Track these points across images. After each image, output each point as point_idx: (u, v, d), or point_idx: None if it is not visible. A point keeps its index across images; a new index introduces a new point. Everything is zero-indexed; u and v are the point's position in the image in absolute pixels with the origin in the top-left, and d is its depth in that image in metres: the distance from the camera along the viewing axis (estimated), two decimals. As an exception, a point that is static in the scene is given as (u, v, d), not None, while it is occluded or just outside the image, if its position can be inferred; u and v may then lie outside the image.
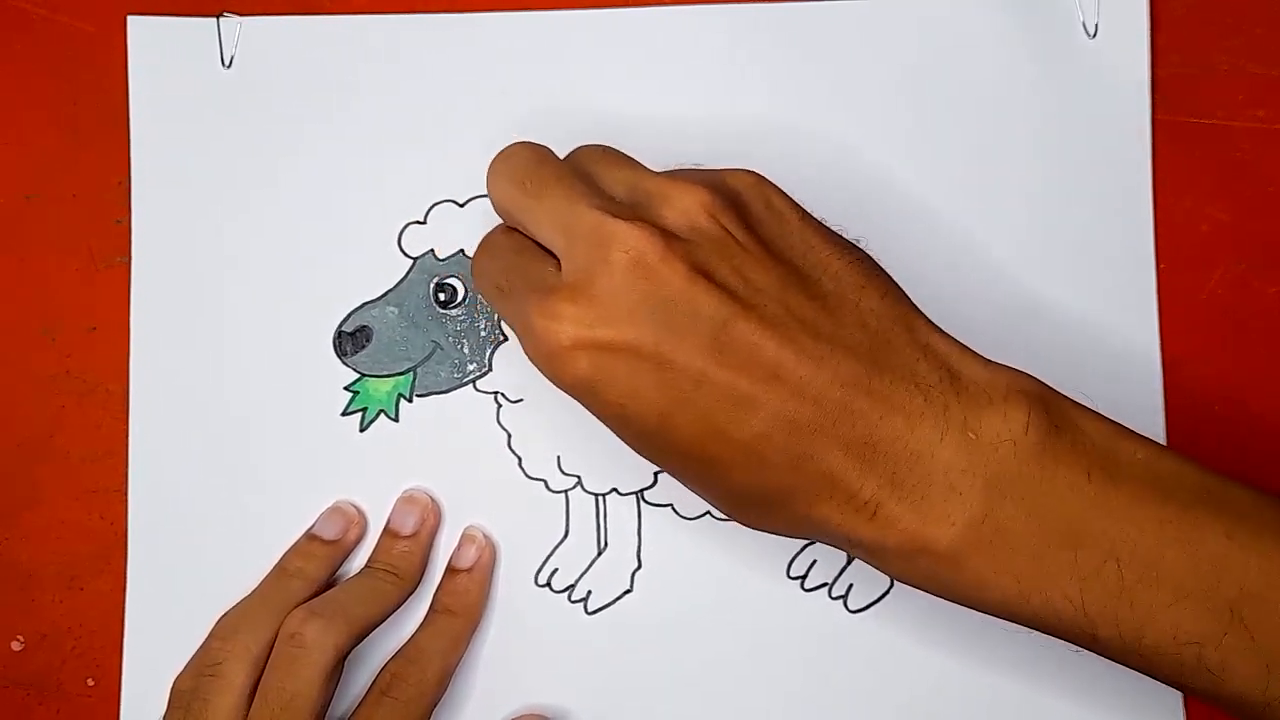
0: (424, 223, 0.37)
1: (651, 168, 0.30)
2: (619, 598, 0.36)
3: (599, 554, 0.36)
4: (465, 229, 0.37)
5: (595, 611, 0.36)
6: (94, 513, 0.37)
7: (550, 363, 0.27)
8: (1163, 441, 0.36)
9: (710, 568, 0.36)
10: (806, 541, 0.35)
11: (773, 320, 0.26)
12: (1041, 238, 0.36)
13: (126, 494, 0.37)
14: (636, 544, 0.36)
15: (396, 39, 0.38)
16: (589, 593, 0.36)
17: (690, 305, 0.26)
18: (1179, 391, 0.36)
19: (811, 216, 0.29)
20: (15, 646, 0.37)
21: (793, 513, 0.27)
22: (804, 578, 0.36)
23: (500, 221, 0.31)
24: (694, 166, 0.30)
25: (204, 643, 0.33)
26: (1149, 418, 0.36)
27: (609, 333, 0.26)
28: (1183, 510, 0.26)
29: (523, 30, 0.37)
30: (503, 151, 0.31)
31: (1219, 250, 0.37)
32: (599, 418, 0.28)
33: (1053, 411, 0.27)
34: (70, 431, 0.37)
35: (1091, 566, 0.26)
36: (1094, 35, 0.37)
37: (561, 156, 0.31)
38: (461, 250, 0.37)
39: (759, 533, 0.29)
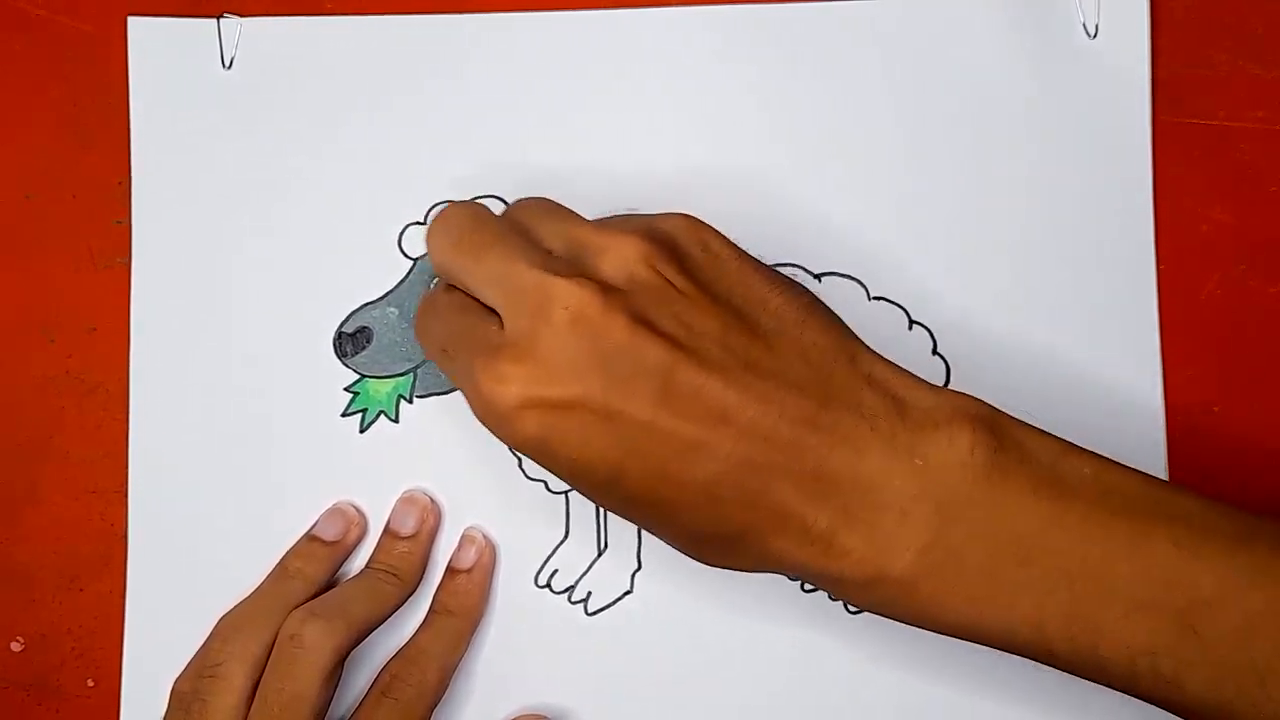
0: (424, 223, 0.37)
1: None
2: (619, 599, 0.36)
3: (599, 555, 0.36)
4: (465, 230, 0.37)
5: (595, 613, 0.36)
6: (94, 513, 0.37)
7: (499, 424, 0.28)
8: (1162, 443, 0.36)
9: (710, 569, 0.36)
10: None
11: (717, 363, 0.27)
12: (1041, 239, 0.36)
13: (126, 495, 0.37)
14: (636, 545, 0.36)
15: (397, 40, 0.38)
16: (589, 594, 0.36)
17: (634, 356, 0.26)
18: (1179, 392, 0.36)
19: (748, 255, 0.30)
20: (15, 647, 0.37)
21: (750, 550, 0.28)
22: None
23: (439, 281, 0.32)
24: (628, 213, 0.31)
25: (204, 644, 0.34)
26: (1148, 419, 0.36)
27: (556, 390, 0.27)
28: (1130, 522, 0.26)
29: (523, 30, 0.37)
30: (440, 213, 0.31)
31: (1219, 251, 0.37)
32: (553, 473, 0.28)
33: (997, 432, 0.27)
34: (70, 432, 0.37)
35: (1044, 584, 0.26)
36: (1094, 36, 0.37)
37: (504, 209, 0.31)
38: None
39: None
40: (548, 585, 0.36)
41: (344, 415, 0.37)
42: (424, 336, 0.32)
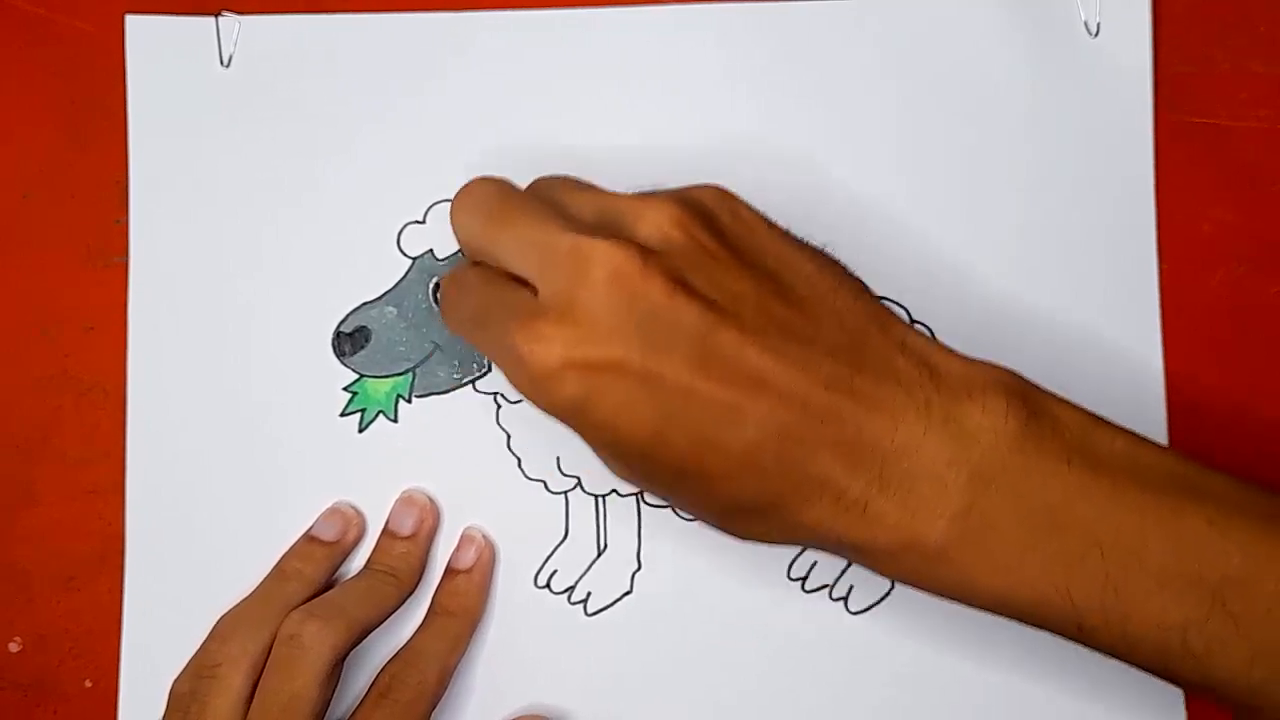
0: (423, 222, 0.37)
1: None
2: (619, 599, 0.36)
3: (599, 555, 0.36)
4: (464, 229, 0.37)
5: (595, 613, 0.36)
6: (92, 513, 0.37)
7: (539, 386, 0.27)
8: (1165, 441, 0.36)
9: (710, 569, 0.36)
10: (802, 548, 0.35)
11: (754, 327, 0.27)
12: (1043, 237, 0.36)
13: (124, 494, 0.37)
14: (636, 545, 0.36)
15: (396, 38, 0.37)
16: (589, 594, 0.36)
17: (672, 318, 0.26)
18: (1181, 391, 0.36)
19: (778, 225, 0.29)
20: (13, 648, 0.37)
21: (785, 519, 0.28)
22: (805, 579, 0.36)
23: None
24: (655, 188, 0.30)
25: (202, 644, 0.33)
26: (1151, 417, 0.36)
27: (596, 351, 0.26)
28: (1163, 497, 0.26)
29: (523, 29, 0.37)
30: (464, 188, 0.31)
31: (1221, 250, 0.36)
32: (588, 440, 0.28)
33: (1030, 401, 0.27)
34: (68, 432, 0.37)
35: (1075, 554, 0.26)
36: (1096, 34, 0.37)
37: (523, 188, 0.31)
38: (460, 250, 0.37)
39: None
40: (547, 585, 0.36)
41: (343, 415, 0.37)
42: (451, 311, 0.31)
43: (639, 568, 0.36)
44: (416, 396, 0.37)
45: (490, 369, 0.36)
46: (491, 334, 0.29)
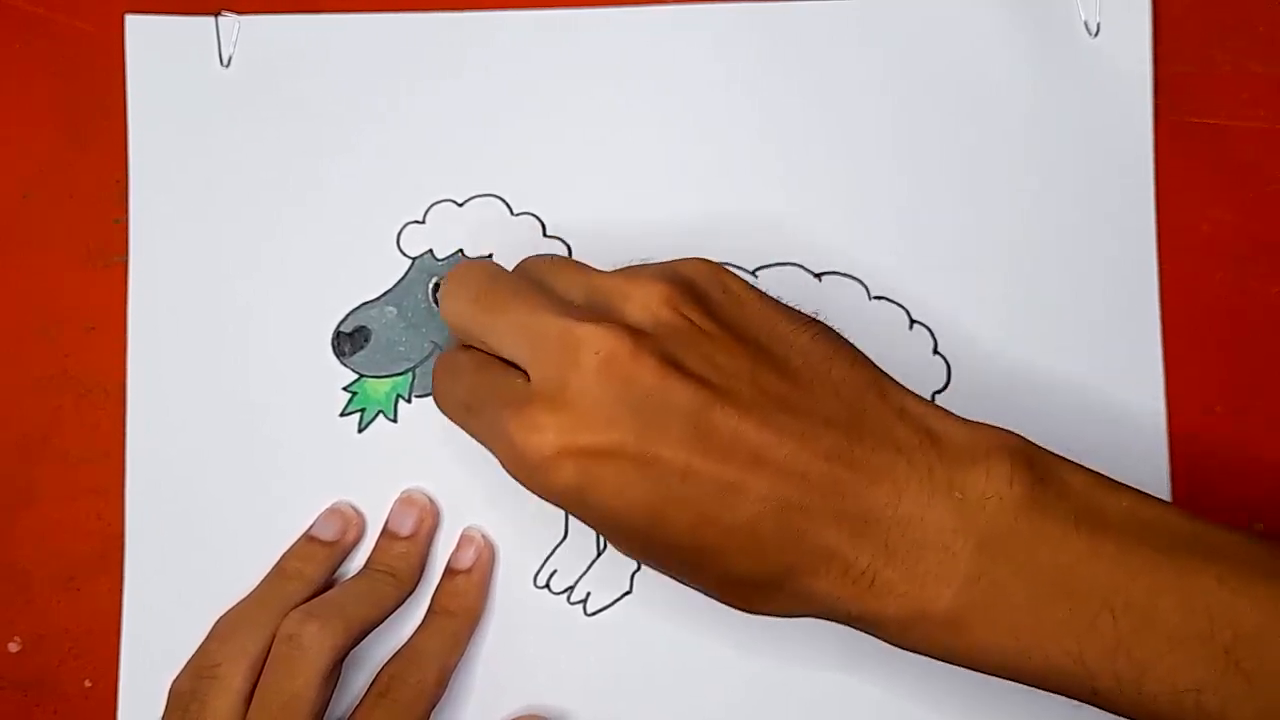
0: (422, 222, 0.37)
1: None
2: (618, 599, 0.36)
3: (598, 555, 0.36)
4: (464, 229, 0.37)
5: (594, 613, 0.36)
6: (91, 513, 0.37)
7: (535, 474, 0.27)
8: (1164, 443, 0.36)
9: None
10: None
11: (749, 403, 0.27)
12: (1042, 238, 0.36)
13: (124, 494, 0.37)
14: (636, 545, 0.36)
15: (395, 37, 0.37)
16: (588, 594, 0.36)
17: (666, 399, 0.26)
18: (1180, 392, 0.36)
19: (768, 296, 0.29)
20: (13, 647, 0.37)
21: (792, 591, 0.27)
22: (804, 579, 0.36)
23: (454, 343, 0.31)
24: (642, 262, 0.30)
25: (202, 644, 0.33)
26: (1150, 419, 0.36)
27: (591, 437, 0.26)
28: (1172, 557, 0.26)
29: (522, 28, 0.37)
30: (452, 272, 0.31)
31: (1221, 250, 0.36)
32: (588, 523, 0.28)
33: (1035, 465, 0.27)
34: (68, 432, 0.37)
35: (1086, 619, 0.26)
36: (1095, 34, 0.37)
37: (515, 260, 0.31)
38: (460, 250, 0.37)
39: None
40: (547, 585, 0.36)
41: (342, 415, 0.37)
42: (444, 397, 0.31)
43: (639, 568, 0.36)
44: (416, 396, 0.37)
45: (490, 369, 0.36)
46: (485, 421, 0.29)
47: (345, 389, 0.37)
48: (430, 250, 0.37)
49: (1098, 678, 0.26)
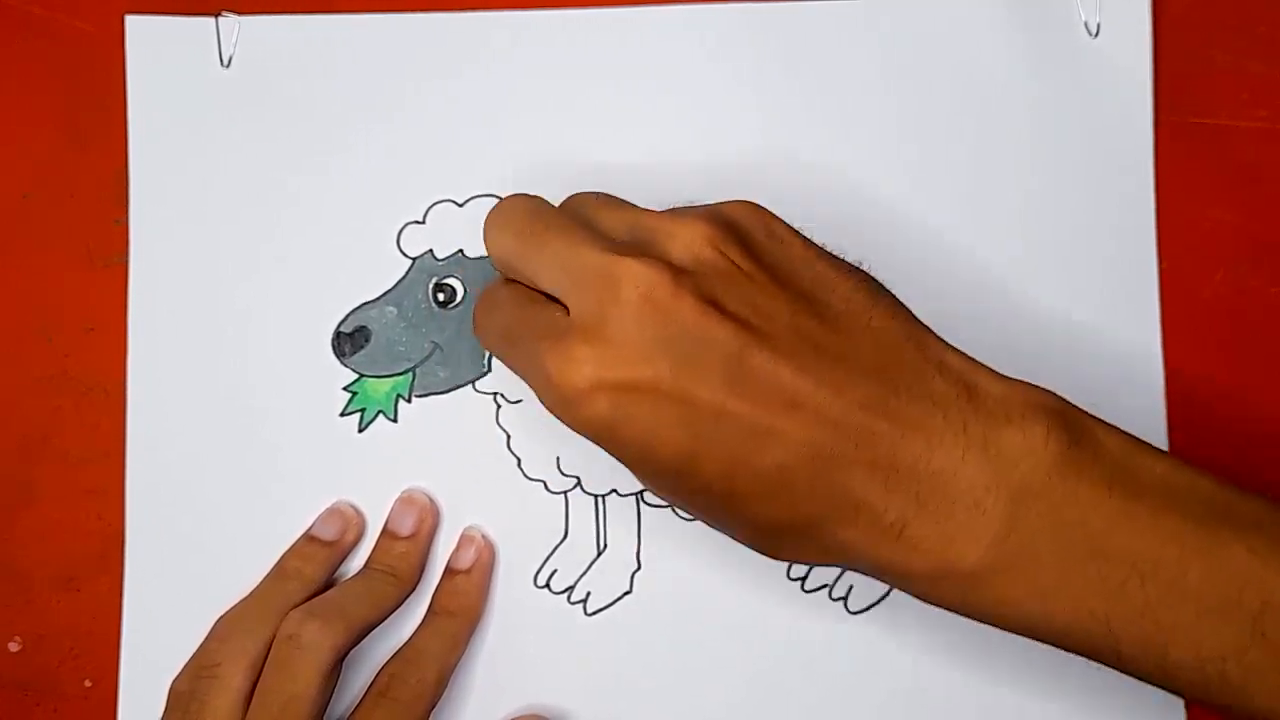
0: (423, 223, 0.37)
1: (643, 189, 0.30)
2: (618, 599, 0.36)
3: (598, 555, 0.36)
4: (464, 228, 0.37)
5: (595, 613, 0.36)
6: (91, 513, 0.37)
7: (569, 407, 0.27)
8: (1164, 441, 0.36)
9: (710, 569, 0.36)
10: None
11: (787, 347, 0.26)
12: (1042, 238, 0.36)
13: (124, 495, 0.37)
14: (636, 545, 0.36)
15: (395, 38, 0.37)
16: (588, 594, 0.36)
17: (704, 338, 0.26)
18: (1180, 391, 0.36)
19: (813, 242, 0.29)
20: (13, 648, 0.37)
21: (820, 540, 0.27)
22: (804, 579, 0.36)
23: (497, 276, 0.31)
24: (688, 204, 0.30)
25: (202, 644, 0.33)
26: (1150, 418, 0.36)
27: (627, 371, 0.26)
28: (1203, 525, 0.26)
29: (523, 29, 0.37)
30: (497, 205, 0.31)
31: (1221, 250, 0.36)
32: (620, 459, 0.28)
33: (1071, 425, 0.27)
34: (68, 432, 0.37)
35: (1115, 582, 0.26)
36: (1095, 34, 0.37)
37: (556, 204, 0.31)
38: (460, 250, 0.37)
39: None
40: (547, 585, 0.36)
41: (342, 415, 0.37)
42: (484, 329, 0.31)
43: (639, 568, 0.36)
44: (416, 396, 0.37)
45: (490, 369, 0.36)
46: (522, 353, 0.29)
47: (345, 389, 0.37)
48: (430, 250, 0.37)
49: (1122, 641, 0.26)
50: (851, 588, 0.36)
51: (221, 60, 0.38)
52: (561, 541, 0.36)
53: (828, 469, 0.26)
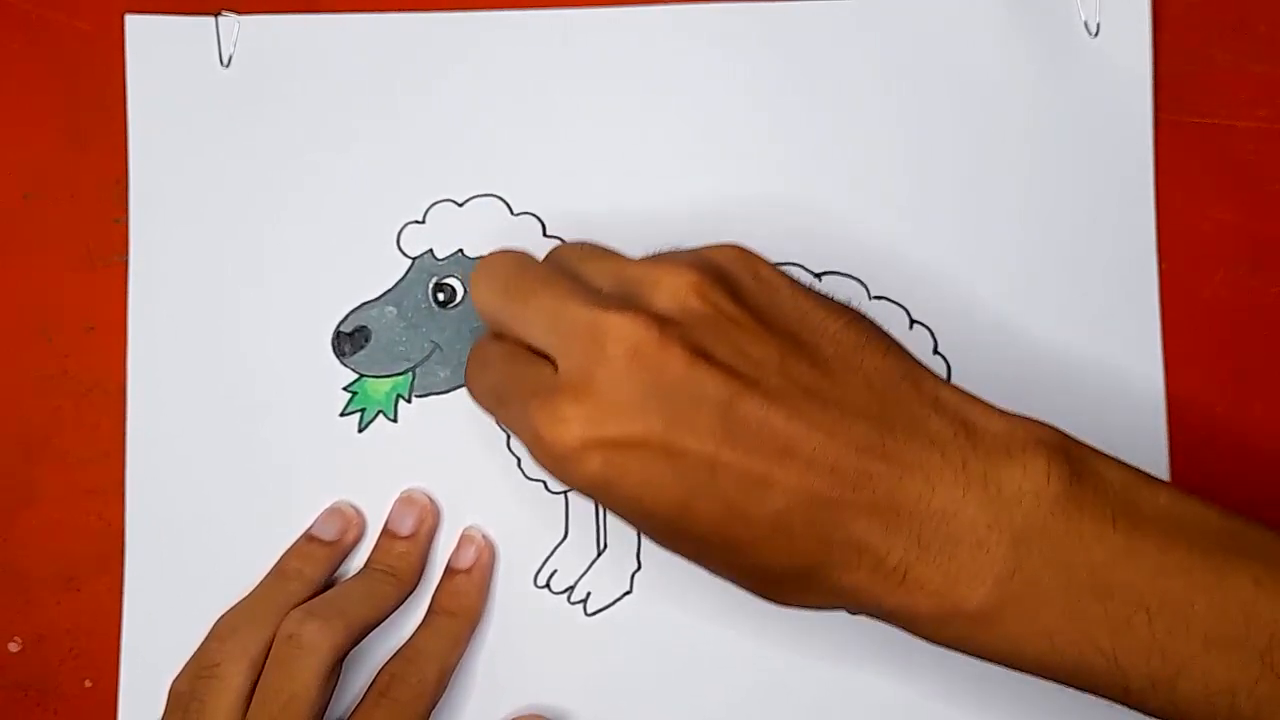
0: (422, 222, 0.37)
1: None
2: (619, 599, 0.36)
3: (598, 555, 0.36)
4: (464, 228, 0.37)
5: (595, 613, 0.36)
6: (92, 513, 0.37)
7: (561, 465, 0.27)
8: (1164, 442, 0.36)
9: (710, 569, 0.36)
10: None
11: (777, 394, 0.26)
12: (1042, 237, 0.36)
13: (124, 494, 0.37)
14: (636, 545, 0.36)
15: (395, 37, 0.37)
16: (588, 594, 0.36)
17: (694, 389, 0.26)
18: (1181, 391, 0.36)
19: (800, 283, 0.29)
20: (13, 648, 0.37)
21: (823, 586, 0.27)
22: (804, 579, 0.36)
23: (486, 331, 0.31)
24: (673, 249, 0.30)
25: (202, 644, 0.33)
26: (1151, 419, 0.36)
27: (617, 428, 0.26)
28: (1208, 557, 0.26)
29: (523, 28, 0.37)
30: (483, 261, 0.30)
31: (1221, 250, 0.36)
32: (616, 514, 0.28)
33: (1073, 460, 0.26)
34: (68, 432, 0.37)
35: (1122, 617, 0.25)
36: (1095, 34, 0.37)
37: (541, 257, 0.31)
38: (460, 250, 0.37)
39: None
40: (547, 585, 0.36)
41: (342, 415, 0.37)
42: (476, 387, 0.31)
43: (639, 568, 0.36)
44: (416, 396, 0.37)
45: (490, 369, 0.36)
46: (512, 412, 0.29)
47: (345, 389, 0.37)
48: (430, 250, 0.37)
49: (1130, 677, 0.26)
50: (851, 588, 0.36)
51: (221, 60, 0.38)
52: (561, 541, 0.36)
53: (826, 514, 0.26)
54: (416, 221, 0.37)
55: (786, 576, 0.27)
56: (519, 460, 0.36)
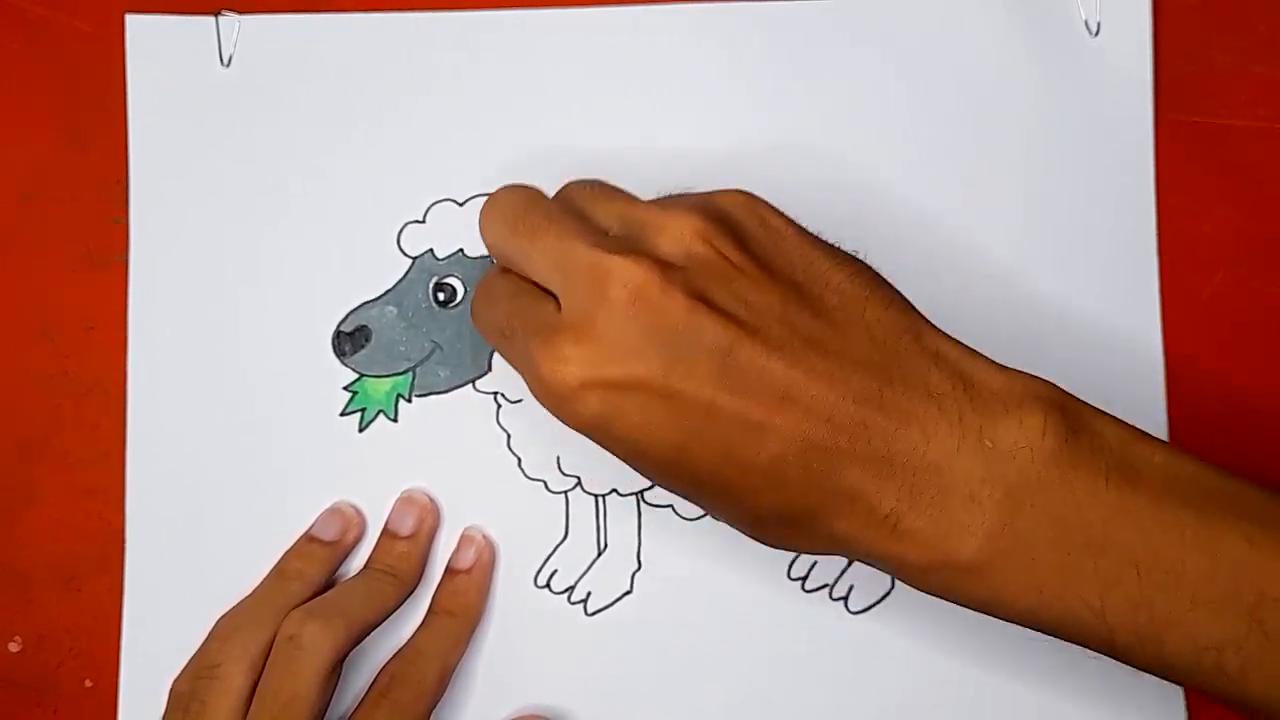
0: (423, 222, 0.37)
1: (644, 189, 0.30)
2: (619, 599, 0.36)
3: (599, 555, 0.36)
4: (464, 228, 0.37)
5: (595, 613, 0.36)
6: (92, 513, 0.37)
7: (560, 405, 0.27)
8: (1165, 440, 0.36)
9: (710, 569, 0.36)
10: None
11: (778, 341, 0.26)
12: (1043, 238, 0.36)
13: (124, 494, 0.37)
14: (636, 545, 0.36)
15: (396, 37, 0.37)
16: (589, 594, 0.36)
17: (694, 334, 0.26)
18: (1181, 391, 0.36)
19: (807, 231, 0.29)
20: (13, 647, 0.37)
21: (815, 531, 0.27)
22: (805, 579, 0.36)
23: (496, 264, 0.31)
24: (683, 191, 0.30)
25: (202, 644, 0.33)
26: (1151, 417, 0.36)
27: (616, 370, 0.26)
28: (1201, 515, 0.26)
29: (522, 28, 0.37)
30: (492, 196, 0.31)
31: (1221, 250, 0.36)
32: (614, 454, 0.28)
33: (1069, 416, 0.26)
34: (68, 432, 0.37)
35: (1111, 573, 0.25)
36: (1096, 34, 0.37)
37: (551, 193, 0.31)
38: (461, 250, 0.37)
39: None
40: (547, 585, 0.36)
41: (343, 414, 0.37)
42: (480, 320, 0.32)
43: (639, 568, 0.36)
44: (416, 396, 0.37)
45: (491, 369, 0.36)
46: (516, 347, 0.29)
47: (345, 388, 0.37)
48: (430, 250, 0.37)
49: (1117, 632, 0.26)
50: (852, 587, 0.36)
51: (221, 60, 0.38)
52: (562, 541, 0.36)
53: (821, 462, 0.26)
54: (417, 221, 0.37)
55: (780, 521, 0.27)
56: (519, 460, 0.36)
